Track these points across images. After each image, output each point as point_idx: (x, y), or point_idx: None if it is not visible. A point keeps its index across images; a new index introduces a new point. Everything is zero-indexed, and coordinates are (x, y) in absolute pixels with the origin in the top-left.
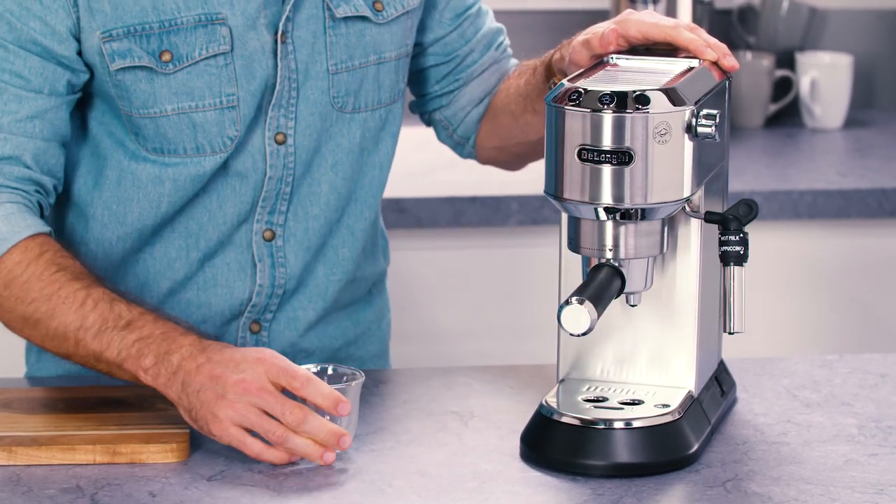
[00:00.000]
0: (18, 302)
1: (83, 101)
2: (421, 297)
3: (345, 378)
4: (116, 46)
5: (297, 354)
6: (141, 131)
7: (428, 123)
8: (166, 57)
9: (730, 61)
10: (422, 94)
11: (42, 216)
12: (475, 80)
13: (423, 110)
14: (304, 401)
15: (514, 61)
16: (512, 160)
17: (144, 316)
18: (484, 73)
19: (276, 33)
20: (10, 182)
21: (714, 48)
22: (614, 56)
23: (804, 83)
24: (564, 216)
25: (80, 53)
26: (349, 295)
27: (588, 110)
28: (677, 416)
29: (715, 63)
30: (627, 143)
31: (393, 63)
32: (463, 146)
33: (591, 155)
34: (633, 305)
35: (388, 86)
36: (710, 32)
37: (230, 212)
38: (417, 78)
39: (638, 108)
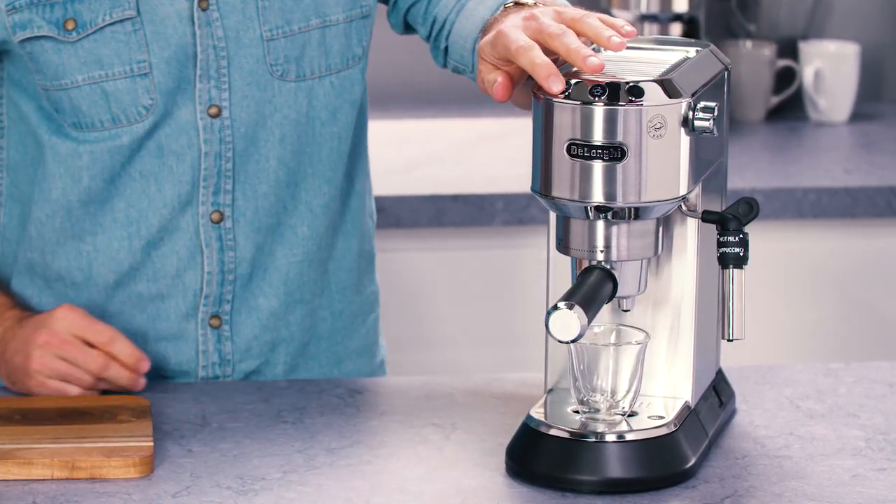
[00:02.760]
0: None
1: (16, 79)
2: (400, 302)
3: (629, 340)
4: (18, 18)
5: (263, 347)
6: (58, 105)
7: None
8: (70, 25)
9: (613, 42)
10: None
11: None
12: None
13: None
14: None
15: None
16: None
17: None
18: None
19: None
20: None
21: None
22: None
23: (808, 74)
24: (553, 215)
25: None
26: (322, 281)
27: (578, 103)
28: (673, 429)
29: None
30: (620, 138)
31: (342, 26)
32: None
33: (582, 150)
34: (625, 311)
35: (337, 51)
36: (708, 21)
37: (170, 194)
38: None
39: (631, 101)
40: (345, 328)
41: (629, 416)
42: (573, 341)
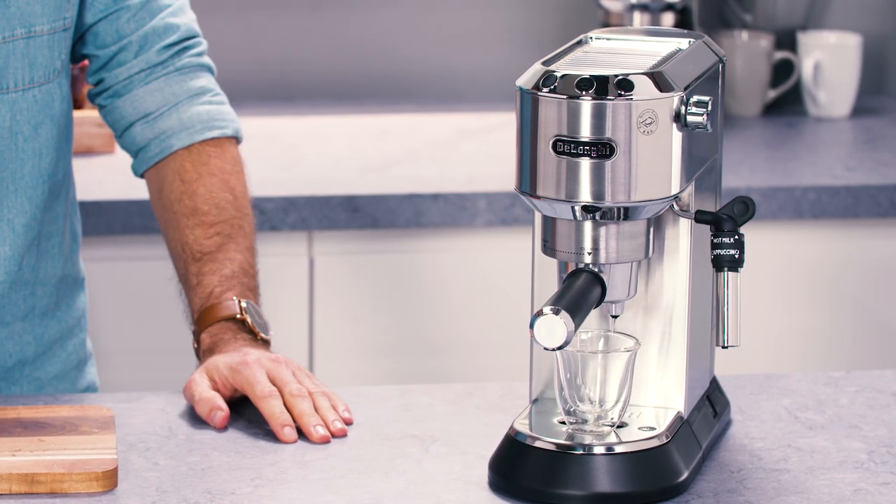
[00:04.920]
0: None
1: None
2: (376, 307)
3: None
4: None
5: None
6: None
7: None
8: None
9: (318, 432)
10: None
11: None
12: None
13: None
14: None
15: (203, 83)
16: None
17: None
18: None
19: None
20: None
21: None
22: (594, 35)
23: (807, 66)
24: (538, 216)
25: None
26: (26, 304)
27: (564, 97)
28: (665, 441)
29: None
30: (608, 134)
31: (46, 37)
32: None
33: (568, 147)
34: (614, 316)
35: (41, 63)
36: (702, 10)
37: None
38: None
39: (620, 95)
40: (46, 353)
41: (618, 427)
42: (559, 348)
